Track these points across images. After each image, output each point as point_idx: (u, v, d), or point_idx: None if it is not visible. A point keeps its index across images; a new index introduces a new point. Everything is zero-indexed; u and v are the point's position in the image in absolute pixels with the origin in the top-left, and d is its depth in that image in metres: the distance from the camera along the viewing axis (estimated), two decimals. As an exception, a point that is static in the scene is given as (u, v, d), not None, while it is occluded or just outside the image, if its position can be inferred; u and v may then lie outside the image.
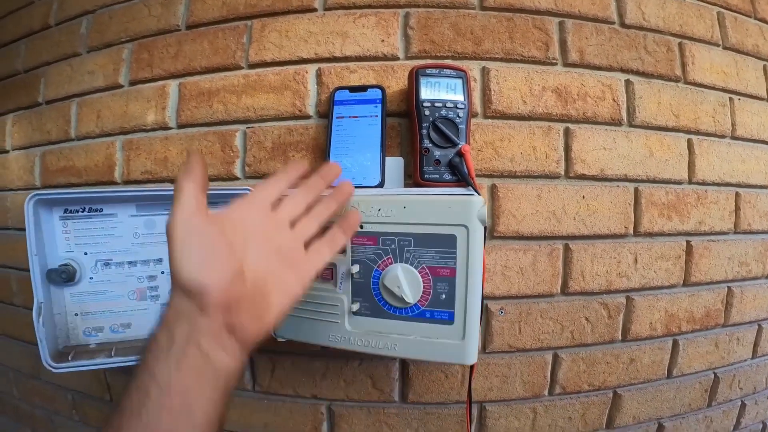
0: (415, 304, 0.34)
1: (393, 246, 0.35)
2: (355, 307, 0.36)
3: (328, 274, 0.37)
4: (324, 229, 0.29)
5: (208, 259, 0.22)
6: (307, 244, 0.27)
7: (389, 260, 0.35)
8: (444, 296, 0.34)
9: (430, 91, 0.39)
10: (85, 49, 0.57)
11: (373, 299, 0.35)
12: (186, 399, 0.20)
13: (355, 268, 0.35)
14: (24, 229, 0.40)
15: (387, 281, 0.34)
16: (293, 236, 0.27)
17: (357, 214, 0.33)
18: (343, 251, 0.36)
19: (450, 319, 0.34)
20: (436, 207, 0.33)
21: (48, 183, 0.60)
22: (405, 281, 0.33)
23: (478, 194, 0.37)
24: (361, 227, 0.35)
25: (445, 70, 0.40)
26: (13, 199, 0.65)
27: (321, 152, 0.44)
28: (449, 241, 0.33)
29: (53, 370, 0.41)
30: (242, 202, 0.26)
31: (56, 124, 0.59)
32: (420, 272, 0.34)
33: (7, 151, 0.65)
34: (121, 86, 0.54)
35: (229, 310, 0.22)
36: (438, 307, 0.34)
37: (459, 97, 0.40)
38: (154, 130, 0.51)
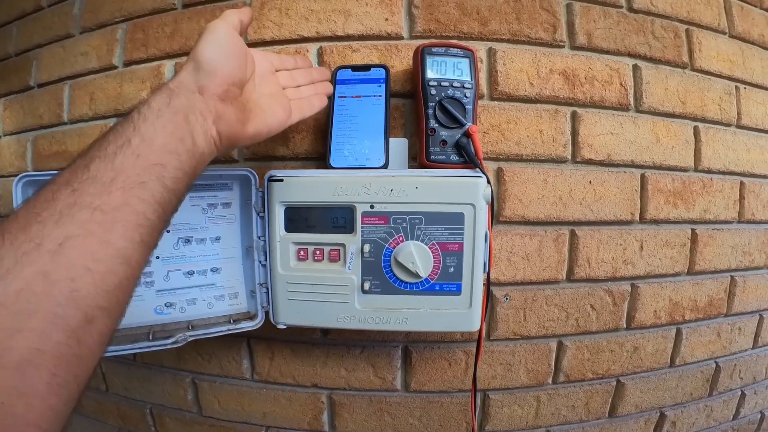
0: (426, 278, 0.36)
1: (404, 224, 0.36)
2: (366, 285, 0.36)
3: (335, 255, 0.37)
4: None
5: (230, 56, 0.27)
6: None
7: (401, 238, 0.36)
8: (452, 269, 0.36)
9: (436, 70, 0.38)
10: (78, 30, 0.55)
11: (384, 276, 0.37)
12: (162, 158, 0.22)
13: (366, 247, 0.36)
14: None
15: (401, 258, 0.35)
16: (282, 90, 0.34)
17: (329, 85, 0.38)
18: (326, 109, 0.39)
19: (458, 291, 0.36)
20: (445, 187, 0.36)
21: (40, 168, 0.58)
22: (418, 257, 0.35)
23: (486, 176, 0.36)
24: (372, 207, 0.36)
25: (451, 49, 0.39)
26: (5, 185, 0.63)
27: (322, 133, 0.43)
28: (457, 218, 0.36)
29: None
30: (259, 51, 0.33)
31: (48, 108, 0.57)
32: (430, 248, 0.36)
33: (-3, 137, 0.63)
34: (115, 67, 0.52)
35: (222, 102, 0.26)
36: (447, 280, 0.36)
37: (466, 77, 0.39)
38: (149, 112, 0.49)
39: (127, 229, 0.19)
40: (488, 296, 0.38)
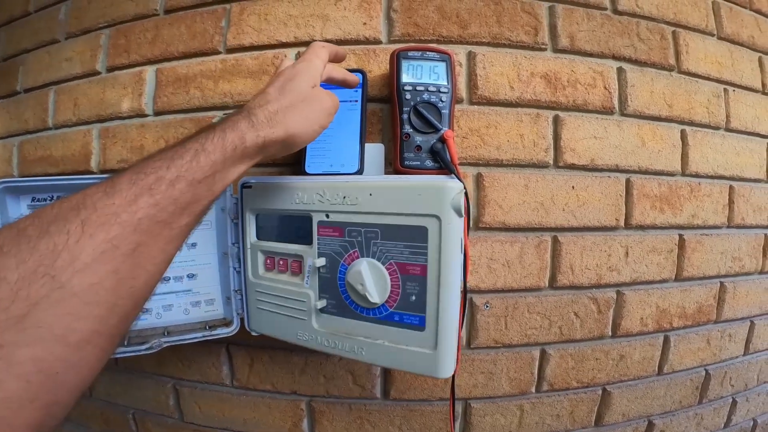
0: (383, 305, 0.30)
1: (359, 238, 0.31)
2: (321, 304, 0.33)
3: (296, 267, 0.34)
4: None
5: (308, 120, 0.29)
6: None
7: (355, 254, 0.31)
8: (414, 298, 0.29)
9: (411, 75, 0.38)
10: (64, 36, 0.56)
11: (340, 297, 0.32)
12: (218, 195, 0.25)
13: (321, 262, 0.32)
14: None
15: (350, 278, 0.30)
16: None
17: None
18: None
19: (420, 325, 0.29)
20: (404, 194, 0.28)
21: (26, 173, 0.58)
22: (370, 279, 0.29)
23: (462, 182, 0.35)
24: (327, 216, 0.32)
25: (428, 53, 0.39)
26: (-9, 189, 0.63)
27: (300, 139, 0.42)
28: (420, 234, 0.28)
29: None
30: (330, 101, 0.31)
31: (34, 113, 0.57)
32: (388, 269, 0.30)
33: (-16, 141, 0.63)
34: (99, 73, 0.52)
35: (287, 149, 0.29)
36: (407, 310, 0.30)
37: (442, 81, 0.38)
38: (130, 117, 0.49)
39: (181, 241, 0.23)
40: (466, 304, 0.37)
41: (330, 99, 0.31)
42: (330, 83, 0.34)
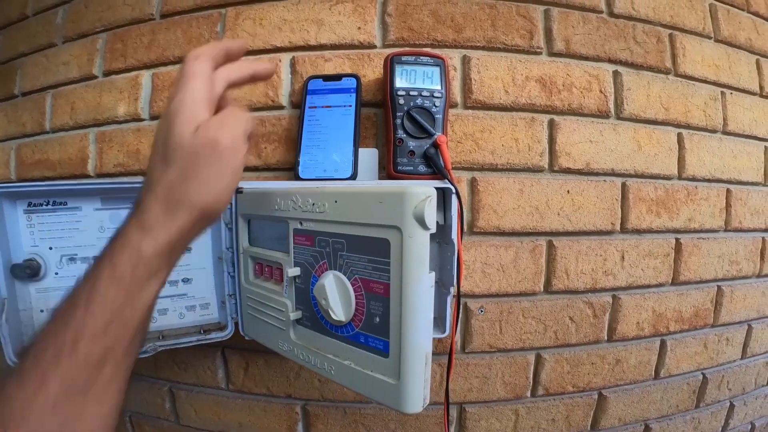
0: (349, 324, 0.28)
1: (327, 249, 0.28)
2: (296, 315, 0.31)
3: (279, 275, 0.33)
4: None
5: (211, 182, 0.22)
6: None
7: (324, 266, 0.29)
8: (378, 320, 0.26)
9: (405, 79, 0.38)
10: (61, 40, 0.56)
11: (313, 310, 0.30)
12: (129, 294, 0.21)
13: (295, 271, 0.30)
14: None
15: (316, 291, 0.28)
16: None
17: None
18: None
19: (384, 351, 0.26)
20: (366, 202, 0.25)
21: (23, 177, 0.58)
22: (335, 294, 0.27)
23: (455, 187, 0.35)
24: (301, 224, 0.30)
25: (421, 57, 0.39)
26: (-11, 193, 0.63)
27: (294, 143, 0.42)
28: (383, 247, 0.25)
29: (18, 368, 0.40)
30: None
31: (31, 117, 0.58)
32: (353, 285, 0.27)
33: (-18, 145, 0.64)
34: (95, 77, 0.52)
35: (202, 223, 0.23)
36: (372, 333, 0.27)
37: (436, 85, 0.38)
38: (126, 122, 0.50)
39: (120, 380, 0.22)
40: (460, 308, 0.37)
41: (226, 133, 0.22)
42: (236, 88, 0.26)
